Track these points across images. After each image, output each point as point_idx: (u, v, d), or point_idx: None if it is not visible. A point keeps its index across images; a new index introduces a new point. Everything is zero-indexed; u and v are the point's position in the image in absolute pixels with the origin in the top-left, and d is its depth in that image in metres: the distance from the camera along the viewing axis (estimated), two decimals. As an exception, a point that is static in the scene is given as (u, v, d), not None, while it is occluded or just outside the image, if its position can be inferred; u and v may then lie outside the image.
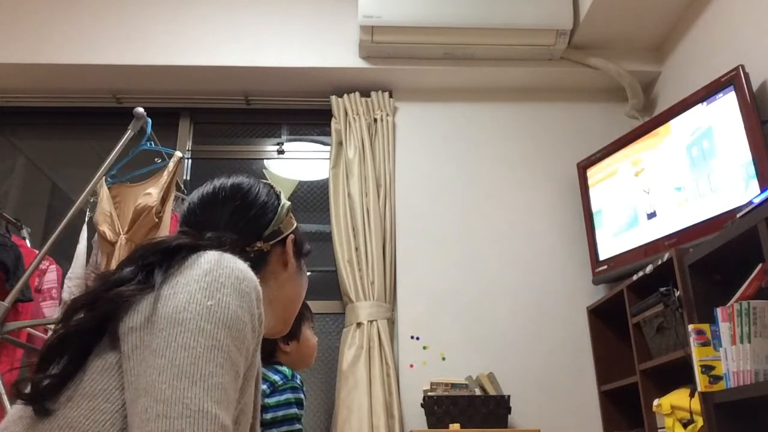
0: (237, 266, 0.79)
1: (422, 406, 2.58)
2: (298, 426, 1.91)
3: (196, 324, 0.71)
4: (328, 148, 3.23)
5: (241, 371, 0.75)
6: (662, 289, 2.14)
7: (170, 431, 0.64)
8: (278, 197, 1.02)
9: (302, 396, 1.96)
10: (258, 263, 0.90)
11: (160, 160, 2.76)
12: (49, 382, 0.73)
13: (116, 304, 0.75)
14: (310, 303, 2.01)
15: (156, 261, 0.79)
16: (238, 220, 0.96)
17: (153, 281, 0.76)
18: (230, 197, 0.97)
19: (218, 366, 0.70)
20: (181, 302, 0.73)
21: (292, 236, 1.02)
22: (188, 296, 0.73)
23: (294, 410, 1.90)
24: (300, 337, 1.99)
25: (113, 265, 2.49)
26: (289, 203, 1.03)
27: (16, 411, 0.76)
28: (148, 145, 2.67)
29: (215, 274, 0.76)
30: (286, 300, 1.02)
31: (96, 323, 0.76)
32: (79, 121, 3.43)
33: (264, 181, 1.04)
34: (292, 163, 3.40)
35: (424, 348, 2.84)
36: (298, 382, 1.96)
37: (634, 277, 2.41)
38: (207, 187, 1.00)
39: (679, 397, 2.06)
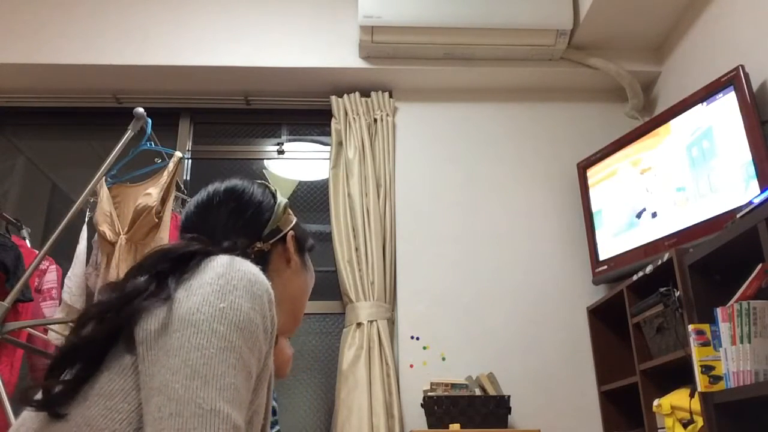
0: (249, 269, 0.80)
1: (422, 406, 2.58)
2: (275, 430, 1.91)
3: (209, 325, 0.72)
4: (328, 148, 3.23)
5: (253, 372, 0.76)
6: (662, 289, 2.14)
7: (183, 430, 0.65)
8: (274, 196, 1.03)
9: (275, 403, 1.96)
10: (260, 263, 0.90)
11: (160, 160, 2.76)
12: (62, 388, 0.74)
13: (132, 316, 0.76)
14: (310, 303, 2.00)
15: (168, 268, 0.80)
16: (235, 222, 0.96)
17: (167, 290, 0.77)
18: (225, 201, 0.98)
19: (231, 366, 0.71)
20: (194, 304, 0.74)
21: (291, 233, 1.02)
22: (201, 298, 0.74)
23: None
24: (274, 347, 1.98)
25: (113, 265, 2.49)
26: (285, 200, 1.04)
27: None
28: (148, 145, 2.66)
29: (228, 277, 0.77)
30: (293, 297, 1.03)
31: (111, 333, 0.77)
32: (79, 121, 3.42)
33: (258, 181, 1.05)
34: (292, 163, 3.39)
35: (424, 348, 2.84)
36: None
37: (634, 277, 2.41)
38: (202, 194, 1.01)
39: (679, 397, 2.06)
